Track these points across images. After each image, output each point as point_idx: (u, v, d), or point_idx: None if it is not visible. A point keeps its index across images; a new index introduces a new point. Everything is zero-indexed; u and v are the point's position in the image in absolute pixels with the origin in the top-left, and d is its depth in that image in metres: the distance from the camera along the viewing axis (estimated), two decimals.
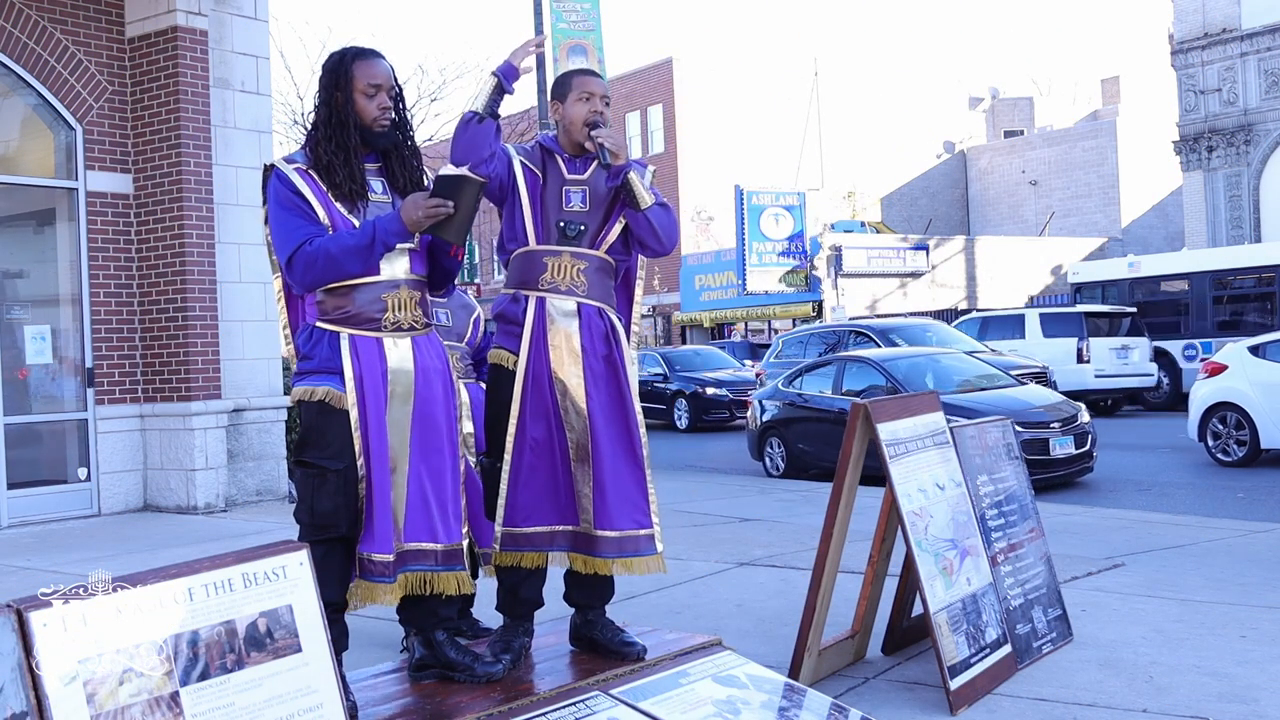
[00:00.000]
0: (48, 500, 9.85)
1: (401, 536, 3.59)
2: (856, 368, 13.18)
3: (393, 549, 3.55)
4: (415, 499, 3.61)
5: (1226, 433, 12.80)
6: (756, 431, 14.11)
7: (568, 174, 4.02)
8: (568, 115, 4.03)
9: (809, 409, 13.28)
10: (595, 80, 4.09)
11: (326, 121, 3.62)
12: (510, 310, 3.98)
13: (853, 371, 13.13)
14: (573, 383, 3.91)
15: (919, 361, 13.32)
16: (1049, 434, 11.46)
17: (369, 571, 3.54)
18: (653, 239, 4.00)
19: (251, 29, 10.86)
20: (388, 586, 3.55)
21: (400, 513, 3.59)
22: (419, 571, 3.61)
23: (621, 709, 3.60)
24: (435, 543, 3.63)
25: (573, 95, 4.02)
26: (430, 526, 3.62)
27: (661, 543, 4.00)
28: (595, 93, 4.01)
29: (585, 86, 4.03)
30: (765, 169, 39.63)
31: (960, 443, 4.83)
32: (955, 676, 4.20)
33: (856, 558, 5.28)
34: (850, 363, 13.43)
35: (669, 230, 4.02)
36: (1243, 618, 5.42)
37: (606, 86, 4.11)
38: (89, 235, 10.07)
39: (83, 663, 2.47)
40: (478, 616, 5.02)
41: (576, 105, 4.00)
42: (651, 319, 40.60)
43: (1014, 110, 50.66)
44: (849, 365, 13.33)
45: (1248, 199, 30.46)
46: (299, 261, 3.52)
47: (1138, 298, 22.42)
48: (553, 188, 3.99)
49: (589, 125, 3.96)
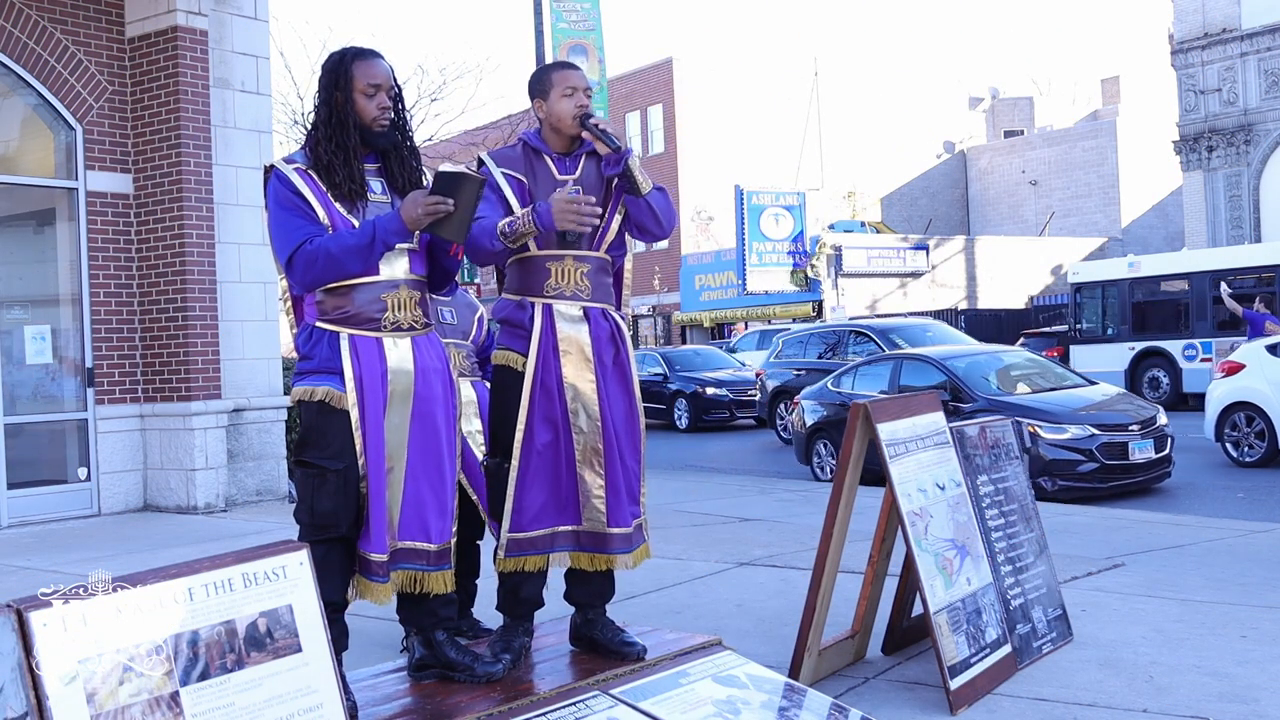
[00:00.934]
0: (48, 500, 9.85)
1: (396, 535, 3.60)
2: (914, 366, 12.42)
3: (387, 548, 3.57)
4: (410, 498, 3.61)
5: (1244, 433, 12.74)
6: (805, 434, 13.30)
7: (558, 174, 3.97)
8: (554, 112, 3.95)
9: None
10: (576, 73, 4.00)
11: (326, 121, 3.62)
12: (516, 316, 3.94)
13: (910, 370, 12.38)
14: (586, 389, 3.90)
15: (980, 360, 12.49)
16: (1128, 437, 10.72)
17: (366, 570, 3.58)
18: (654, 224, 3.98)
19: (251, 29, 10.86)
20: (382, 586, 3.58)
21: (395, 512, 3.59)
22: (410, 570, 3.63)
23: (621, 709, 3.60)
24: (428, 542, 3.64)
25: (556, 91, 3.94)
26: (424, 526, 3.63)
27: (648, 530, 4.11)
28: (578, 86, 3.94)
29: (567, 81, 3.95)
30: (765, 169, 39.64)
31: (960, 443, 4.83)
32: (955, 676, 4.20)
33: (856, 558, 5.28)
34: (907, 361, 12.67)
35: (669, 214, 4.00)
36: (1243, 618, 5.42)
37: (585, 77, 4.03)
38: (89, 235, 10.07)
39: (83, 663, 2.47)
40: (478, 616, 5.02)
41: (563, 101, 3.93)
42: (651, 319, 40.61)
43: (1014, 110, 50.68)
44: (905, 364, 12.60)
45: (1248, 199, 30.48)
46: (299, 261, 3.52)
47: (1138, 298, 22.42)
48: (543, 190, 3.93)
49: (580, 118, 3.91)
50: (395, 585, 3.61)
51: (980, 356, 12.72)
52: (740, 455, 16.88)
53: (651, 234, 4.02)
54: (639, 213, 3.97)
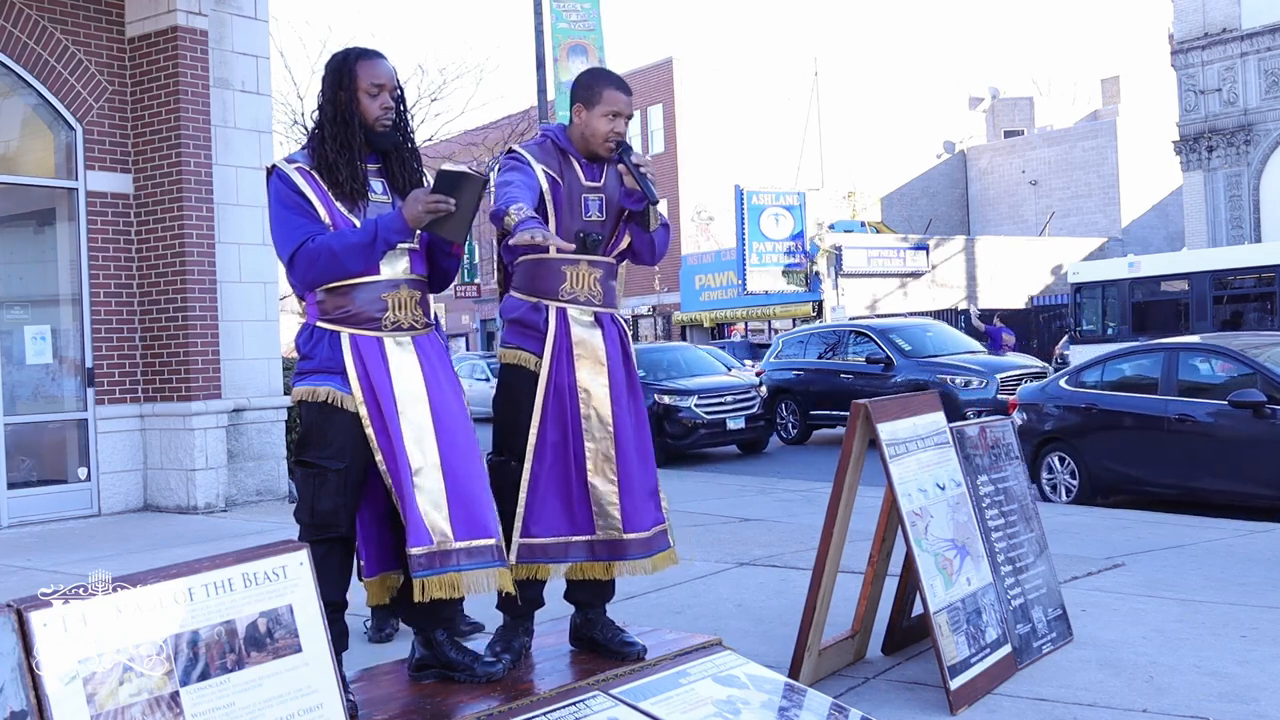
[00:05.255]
0: (48, 500, 9.85)
1: (453, 536, 3.51)
2: (1200, 357, 10.15)
3: (432, 541, 3.49)
4: (457, 498, 3.54)
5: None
6: (1031, 445, 10.50)
7: (585, 180, 3.98)
8: (590, 126, 3.94)
9: (1120, 414, 10.18)
10: (625, 98, 3.96)
11: (331, 120, 3.63)
12: (531, 317, 3.93)
13: (1194, 361, 10.10)
14: (599, 393, 3.90)
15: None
16: None
17: (416, 567, 3.48)
18: (649, 255, 4.12)
19: (251, 29, 10.86)
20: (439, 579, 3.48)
21: (444, 510, 3.52)
22: (477, 570, 3.54)
23: (621, 709, 3.60)
24: (489, 538, 3.58)
25: (601, 108, 3.92)
26: (483, 523, 3.57)
27: (673, 535, 4.10)
28: (623, 112, 3.94)
29: (615, 104, 3.93)
30: (765, 169, 39.66)
31: (960, 443, 4.83)
32: (955, 676, 4.20)
33: (856, 558, 5.28)
34: (1186, 352, 10.20)
35: (665, 248, 4.14)
36: (1243, 618, 5.42)
37: (633, 103, 4.01)
38: (89, 235, 10.08)
39: (83, 662, 2.47)
40: (478, 617, 5.02)
41: (602, 120, 3.92)
42: (651, 319, 40.62)
43: (1014, 110, 50.69)
44: (1184, 355, 10.12)
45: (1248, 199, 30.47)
46: (300, 259, 3.52)
47: (1138, 298, 22.41)
48: (570, 194, 3.94)
49: (615, 145, 3.91)
50: (454, 587, 3.50)
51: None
52: (739, 456, 16.82)
53: (643, 261, 4.15)
54: (640, 243, 4.07)
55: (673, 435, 15.55)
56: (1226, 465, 9.37)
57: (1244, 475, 9.25)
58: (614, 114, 3.93)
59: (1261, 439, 9.12)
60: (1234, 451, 9.34)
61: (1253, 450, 9.18)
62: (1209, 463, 9.48)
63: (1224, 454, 9.41)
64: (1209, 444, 9.53)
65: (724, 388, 16.25)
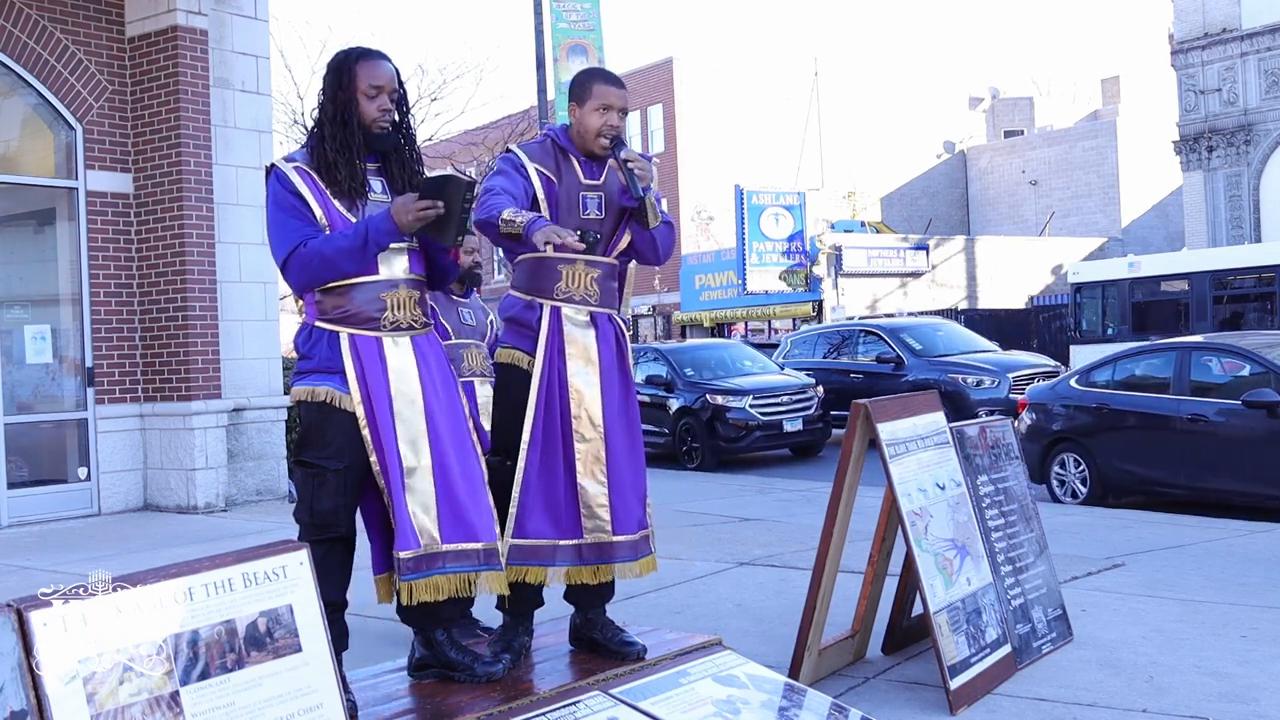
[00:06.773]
0: (48, 500, 9.85)
1: (440, 538, 3.53)
2: (1210, 356, 9.99)
3: (419, 544, 3.50)
4: (446, 499, 3.55)
5: None
6: (1041, 445, 10.53)
7: (584, 178, 3.97)
8: (584, 122, 3.94)
9: (1132, 414, 10.05)
10: (616, 91, 3.95)
11: (331, 120, 3.62)
12: (525, 316, 3.94)
13: (1206, 360, 9.95)
14: (589, 393, 3.90)
15: None
16: None
17: (403, 570, 3.49)
18: (651, 253, 4.06)
19: (251, 29, 10.86)
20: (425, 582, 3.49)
21: (432, 514, 3.53)
22: (459, 573, 3.55)
23: (621, 709, 3.60)
24: (474, 541, 3.58)
25: (591, 103, 3.92)
26: (468, 526, 3.57)
27: (654, 542, 4.09)
28: (614, 105, 3.92)
29: (605, 98, 3.92)
30: (765, 169, 39.64)
31: (960, 443, 4.83)
32: (955, 676, 4.20)
33: (856, 558, 5.28)
34: (1196, 352, 10.04)
35: (668, 246, 4.08)
36: (1243, 618, 5.42)
37: (626, 97, 3.99)
38: (89, 235, 10.08)
39: (83, 662, 2.47)
40: (477, 616, 5.02)
41: (593, 115, 3.92)
42: (651, 319, 40.61)
43: (1014, 110, 50.67)
44: (1196, 354, 10.00)
45: (1248, 199, 30.46)
46: (294, 264, 3.52)
47: (1138, 298, 22.40)
48: (568, 192, 3.94)
49: (609, 140, 3.91)
50: (438, 589, 3.51)
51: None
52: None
53: (646, 260, 4.10)
54: (641, 242, 4.03)
55: (725, 438, 14.72)
56: (1240, 465, 9.26)
57: (1258, 476, 9.15)
58: (604, 107, 3.92)
59: (1276, 439, 9.01)
60: (1248, 451, 9.21)
61: (1267, 450, 9.06)
62: (1222, 463, 9.37)
63: (1238, 454, 9.29)
64: (1222, 444, 9.41)
65: (780, 387, 15.30)
